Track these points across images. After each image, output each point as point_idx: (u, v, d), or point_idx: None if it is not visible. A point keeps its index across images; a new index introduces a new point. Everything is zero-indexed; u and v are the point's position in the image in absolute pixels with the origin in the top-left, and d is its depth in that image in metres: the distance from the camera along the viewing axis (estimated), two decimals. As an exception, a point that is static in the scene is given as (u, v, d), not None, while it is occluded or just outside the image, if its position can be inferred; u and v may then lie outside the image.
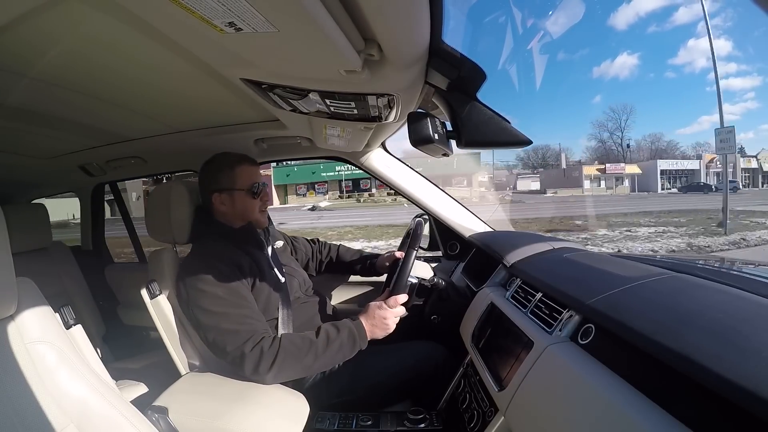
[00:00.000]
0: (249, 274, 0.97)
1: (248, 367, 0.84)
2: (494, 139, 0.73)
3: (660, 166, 33.64)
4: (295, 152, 1.44)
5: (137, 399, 1.10)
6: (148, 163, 1.50)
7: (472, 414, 0.84)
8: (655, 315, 0.55)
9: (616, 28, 76.31)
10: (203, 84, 0.82)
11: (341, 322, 0.93)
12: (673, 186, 32.91)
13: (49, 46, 0.67)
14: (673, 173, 34.19)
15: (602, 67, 76.00)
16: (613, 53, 74.85)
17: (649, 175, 33.01)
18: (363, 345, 0.92)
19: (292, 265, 1.20)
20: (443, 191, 1.51)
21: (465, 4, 0.79)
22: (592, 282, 0.75)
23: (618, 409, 0.47)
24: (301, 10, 0.45)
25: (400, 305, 0.96)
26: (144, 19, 0.53)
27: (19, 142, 1.24)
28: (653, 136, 51.79)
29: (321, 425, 0.95)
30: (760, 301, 0.53)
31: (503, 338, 0.83)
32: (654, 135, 52.02)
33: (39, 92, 0.86)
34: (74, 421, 0.52)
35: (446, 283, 1.17)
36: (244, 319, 0.88)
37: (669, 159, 38.61)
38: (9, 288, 0.51)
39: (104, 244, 2.01)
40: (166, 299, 1.02)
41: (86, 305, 1.64)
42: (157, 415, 0.76)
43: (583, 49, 79.05)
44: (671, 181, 33.68)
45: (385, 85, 0.71)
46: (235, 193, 1.04)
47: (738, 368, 0.40)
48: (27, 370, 0.50)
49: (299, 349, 0.87)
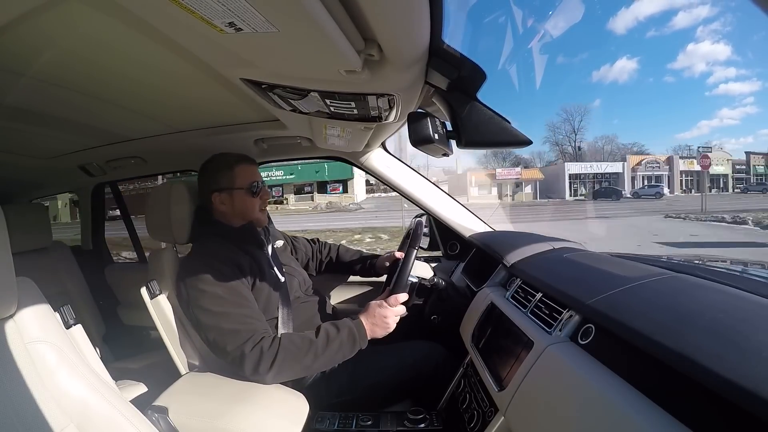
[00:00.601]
0: (249, 274, 0.97)
1: (248, 367, 0.84)
2: (494, 139, 0.73)
3: (569, 169, 30.50)
4: (295, 152, 1.44)
5: (137, 399, 1.11)
6: (148, 163, 1.50)
7: (472, 414, 0.84)
8: (655, 315, 0.55)
9: (616, 33, 76.18)
10: (203, 84, 0.83)
11: (341, 322, 0.93)
12: (587, 191, 29.37)
13: (49, 46, 0.67)
14: (591, 177, 30.48)
15: (602, 71, 75.94)
16: (612, 57, 74.72)
17: (560, 179, 30.14)
18: (363, 344, 0.92)
19: (292, 264, 1.20)
20: (443, 191, 1.51)
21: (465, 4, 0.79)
22: (592, 282, 0.75)
23: (618, 409, 0.47)
24: (301, 11, 0.45)
25: (401, 304, 0.96)
26: (144, 19, 0.53)
27: (19, 142, 1.24)
28: (606, 138, 48.00)
29: (321, 425, 0.95)
30: (760, 301, 0.53)
31: (503, 338, 0.83)
32: (607, 137, 48.12)
33: (39, 92, 0.86)
34: (74, 421, 0.52)
35: (446, 283, 1.17)
36: (244, 319, 0.88)
37: (585, 162, 33.45)
38: (9, 288, 0.51)
39: (104, 244, 2.01)
40: (166, 299, 1.02)
41: (86, 305, 1.64)
42: (157, 415, 0.76)
43: (582, 53, 78.95)
44: (588, 186, 29.87)
45: (385, 85, 0.71)
46: (234, 193, 1.04)
47: (738, 368, 0.39)
48: (27, 369, 0.50)
49: (299, 348, 0.87)
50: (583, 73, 77.67)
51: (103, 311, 1.72)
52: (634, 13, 73.70)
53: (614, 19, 71.04)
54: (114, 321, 1.76)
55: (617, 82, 73.63)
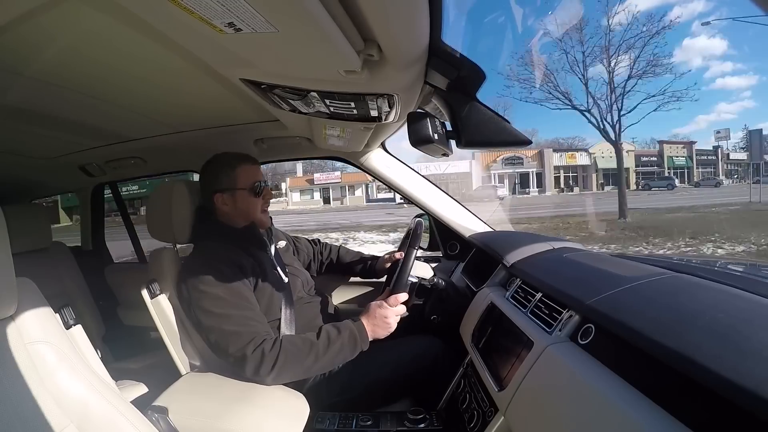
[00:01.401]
0: (251, 275, 0.97)
1: (249, 369, 0.84)
2: (494, 139, 0.73)
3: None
4: (295, 152, 1.44)
5: (137, 399, 1.10)
6: (147, 163, 1.50)
7: (472, 414, 0.84)
8: (655, 315, 0.55)
9: (610, 28, 75.28)
10: (203, 84, 0.83)
11: (342, 323, 0.93)
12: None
13: (49, 46, 0.67)
14: (445, 178, 24.30)
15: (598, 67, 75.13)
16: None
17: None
18: (364, 346, 0.92)
19: (295, 265, 1.20)
20: (443, 191, 1.51)
21: (465, 4, 0.79)
22: (591, 282, 0.75)
23: (618, 409, 0.47)
24: (301, 11, 0.45)
25: (401, 304, 0.96)
26: (144, 19, 0.53)
27: (19, 142, 1.24)
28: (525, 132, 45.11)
29: (321, 425, 0.95)
30: (760, 301, 0.53)
31: (503, 338, 0.83)
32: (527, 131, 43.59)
33: (39, 92, 0.86)
34: (74, 421, 0.52)
35: (446, 283, 1.17)
36: (245, 321, 0.88)
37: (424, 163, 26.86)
38: (9, 288, 0.51)
39: (104, 245, 2.01)
40: (166, 299, 1.02)
41: (86, 305, 1.64)
42: (157, 415, 0.76)
43: (576, 49, 78.09)
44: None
45: (385, 85, 0.71)
46: (236, 193, 1.04)
47: (738, 368, 0.39)
48: (27, 370, 0.50)
49: (300, 350, 0.87)
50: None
51: (103, 312, 1.72)
52: (628, 9, 72.95)
53: (608, 15, 70.28)
54: (114, 321, 1.76)
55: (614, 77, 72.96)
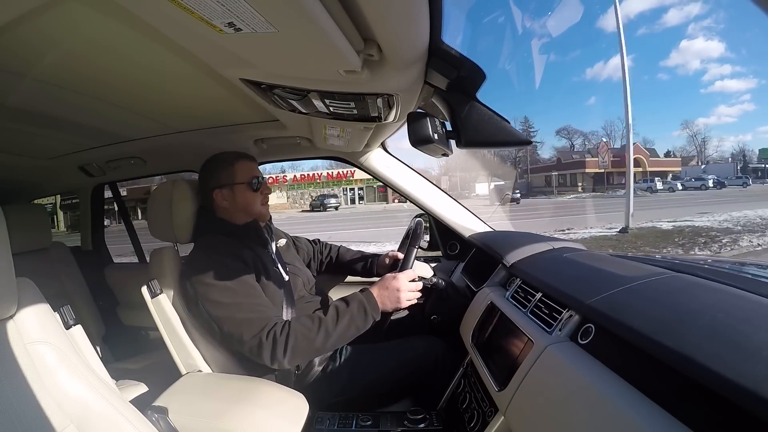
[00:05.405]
0: (253, 270, 0.97)
1: (266, 355, 0.85)
2: (494, 139, 0.73)
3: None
4: (295, 152, 1.44)
5: (137, 399, 1.10)
6: (147, 164, 1.50)
7: (472, 414, 0.84)
8: (655, 314, 0.55)
9: (607, 30, 75.11)
10: (203, 84, 0.83)
11: (351, 295, 0.94)
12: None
13: (48, 46, 0.67)
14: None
15: (595, 68, 75.28)
16: (606, 55, 73.95)
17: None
18: (376, 315, 0.92)
19: (296, 264, 1.20)
20: (443, 191, 1.51)
21: (465, 4, 0.79)
22: (591, 282, 0.75)
23: (618, 409, 0.47)
24: (301, 11, 0.45)
25: (412, 291, 0.96)
26: (143, 19, 0.53)
27: (19, 142, 1.24)
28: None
29: (321, 426, 0.95)
30: (760, 300, 0.53)
31: (503, 338, 0.83)
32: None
33: (39, 93, 0.86)
34: (74, 421, 0.52)
35: (446, 283, 1.17)
36: (256, 308, 0.89)
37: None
38: (9, 288, 0.51)
39: (104, 245, 2.01)
40: (166, 298, 1.02)
41: (86, 305, 1.64)
42: (157, 415, 0.76)
43: (574, 51, 78.14)
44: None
45: (385, 85, 0.71)
46: (235, 188, 1.04)
47: (738, 368, 0.39)
48: (27, 370, 0.50)
49: (309, 329, 0.88)
50: (577, 70, 77.16)
51: (103, 312, 1.72)
52: (624, 11, 72.86)
53: (605, 16, 70.06)
54: (114, 321, 1.76)
55: (611, 79, 72.86)
